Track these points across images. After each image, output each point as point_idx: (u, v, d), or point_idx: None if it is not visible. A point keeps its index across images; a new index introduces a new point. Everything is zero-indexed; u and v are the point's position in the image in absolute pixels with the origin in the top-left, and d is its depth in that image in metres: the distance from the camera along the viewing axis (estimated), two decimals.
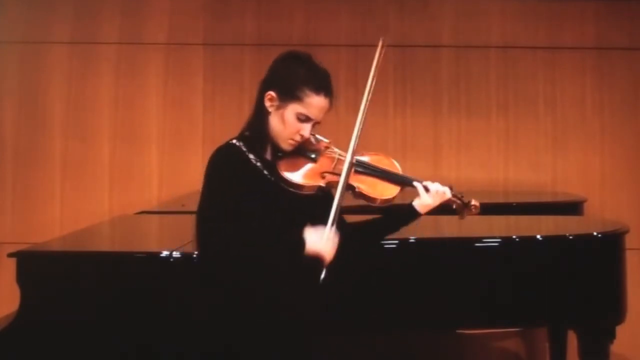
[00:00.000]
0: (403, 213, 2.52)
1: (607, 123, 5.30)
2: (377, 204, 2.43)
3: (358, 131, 2.38)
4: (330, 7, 5.31)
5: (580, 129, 5.30)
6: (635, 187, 5.26)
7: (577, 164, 5.28)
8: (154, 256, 2.87)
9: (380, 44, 2.42)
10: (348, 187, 2.37)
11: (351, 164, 2.37)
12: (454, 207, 2.54)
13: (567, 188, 5.19)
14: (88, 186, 5.21)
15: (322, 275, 2.28)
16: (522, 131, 5.30)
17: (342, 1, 5.33)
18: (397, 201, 2.53)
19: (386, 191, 2.44)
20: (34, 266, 2.83)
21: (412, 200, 2.52)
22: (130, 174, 5.22)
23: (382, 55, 2.43)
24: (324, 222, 2.30)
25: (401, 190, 2.47)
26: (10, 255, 2.83)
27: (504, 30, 5.33)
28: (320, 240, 2.26)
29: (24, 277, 2.79)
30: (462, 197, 2.55)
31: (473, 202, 2.55)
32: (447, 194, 2.51)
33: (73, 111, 5.24)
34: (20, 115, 5.23)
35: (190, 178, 5.07)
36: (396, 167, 2.51)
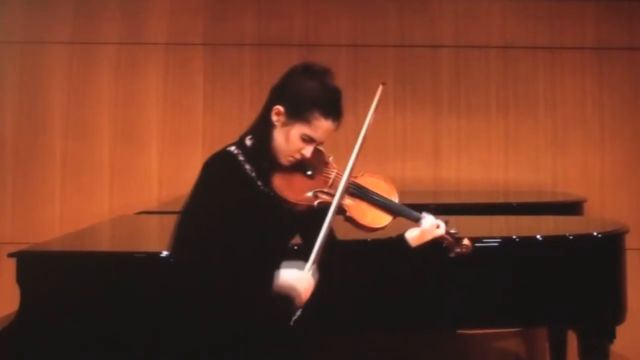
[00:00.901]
0: (393, 244, 2.44)
1: (607, 123, 5.30)
2: (365, 231, 2.36)
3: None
4: (330, 7, 5.31)
5: (580, 129, 5.30)
6: (635, 187, 5.26)
7: (577, 164, 5.28)
8: (154, 256, 2.86)
9: (380, 89, 2.40)
10: (340, 211, 2.31)
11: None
12: (445, 244, 2.42)
13: (567, 188, 5.19)
14: (88, 186, 5.21)
15: (295, 315, 2.24)
16: (522, 131, 5.30)
17: (342, 1, 5.33)
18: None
19: (377, 220, 2.36)
20: (34, 266, 2.83)
21: (404, 231, 2.44)
22: (130, 174, 5.22)
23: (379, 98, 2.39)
24: (315, 236, 2.24)
25: (393, 219, 2.39)
26: (10, 255, 2.83)
27: (504, 30, 5.33)
28: (294, 279, 2.21)
29: (24, 277, 2.79)
30: (456, 234, 2.43)
31: (465, 241, 2.43)
32: (440, 229, 2.41)
33: (73, 111, 5.24)
34: (20, 115, 5.23)
35: (190, 178, 5.00)
36: (394, 193, 2.43)
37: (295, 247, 2.43)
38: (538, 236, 3.23)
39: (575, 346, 3.30)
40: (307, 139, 2.28)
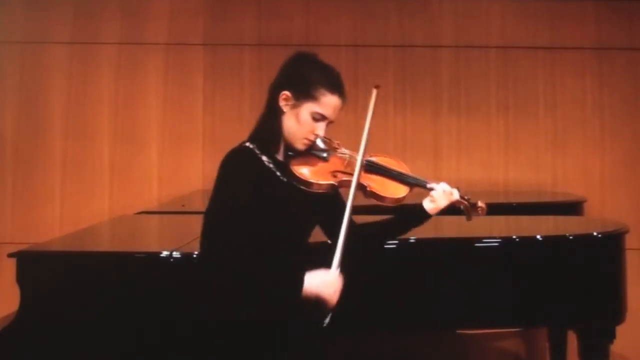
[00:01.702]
0: (413, 214, 2.52)
1: (607, 123, 5.30)
2: (388, 204, 2.45)
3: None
4: (330, 7, 5.31)
5: (580, 129, 5.30)
6: (635, 187, 5.26)
7: (577, 164, 5.28)
8: (154, 256, 2.86)
9: (374, 93, 2.44)
10: (359, 187, 2.38)
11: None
12: (461, 208, 2.55)
13: (567, 188, 5.19)
14: (88, 186, 5.21)
15: (327, 320, 2.26)
16: (522, 131, 5.30)
17: (342, 1, 5.33)
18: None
19: (397, 191, 2.46)
20: (34, 266, 2.83)
21: (421, 202, 2.52)
22: (130, 174, 5.22)
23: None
24: (335, 224, 2.30)
25: (410, 190, 2.49)
26: (10, 255, 2.83)
27: (504, 30, 5.33)
28: (321, 283, 2.24)
29: (24, 277, 2.79)
30: (469, 199, 2.56)
31: (480, 203, 2.56)
32: (455, 195, 2.51)
33: (73, 111, 5.24)
34: (20, 115, 5.24)
35: (190, 178, 5.08)
36: (405, 168, 2.54)
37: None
38: (538, 236, 3.23)
39: (575, 346, 3.30)
40: (318, 117, 2.33)
